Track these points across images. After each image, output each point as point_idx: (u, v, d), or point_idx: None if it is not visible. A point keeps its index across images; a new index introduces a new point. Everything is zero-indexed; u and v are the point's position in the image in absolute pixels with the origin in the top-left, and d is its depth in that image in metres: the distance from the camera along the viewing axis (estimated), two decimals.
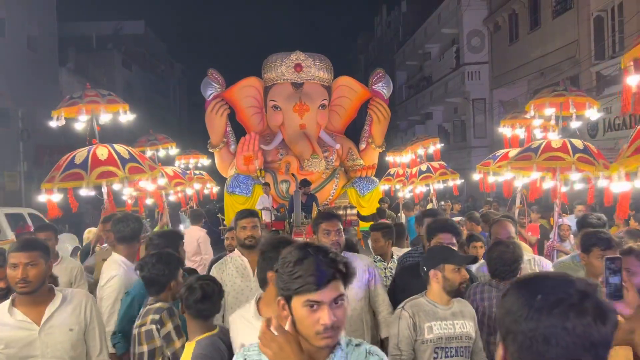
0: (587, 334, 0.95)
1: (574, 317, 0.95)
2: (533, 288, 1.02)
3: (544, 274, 1.14)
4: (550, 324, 0.96)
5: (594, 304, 0.97)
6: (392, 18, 36.57)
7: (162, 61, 40.43)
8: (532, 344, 0.97)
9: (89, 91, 5.65)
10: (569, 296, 0.98)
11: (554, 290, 1.00)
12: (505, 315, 1.03)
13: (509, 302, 1.04)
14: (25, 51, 20.26)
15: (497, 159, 7.00)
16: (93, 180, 4.88)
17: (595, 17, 15.48)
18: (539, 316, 0.97)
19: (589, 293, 0.99)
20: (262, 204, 10.00)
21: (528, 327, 0.98)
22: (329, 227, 3.28)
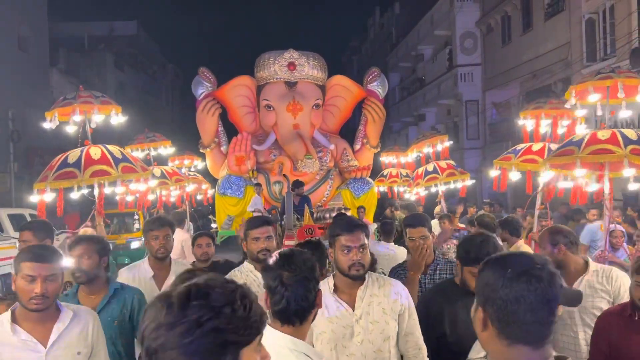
0: (544, 293, 1.34)
1: (535, 281, 1.34)
2: (504, 263, 1.40)
3: (509, 254, 1.57)
4: (519, 288, 1.33)
5: (547, 273, 1.36)
6: (385, 20, 36.65)
7: (154, 62, 40.24)
8: (507, 305, 1.34)
9: (82, 92, 5.63)
10: (530, 268, 1.36)
11: (520, 264, 1.38)
12: (485, 286, 1.40)
13: (486, 276, 1.41)
14: (15, 52, 20.09)
15: (519, 153, 6.12)
16: (86, 179, 4.86)
17: (587, 19, 15.57)
18: (510, 284, 1.34)
19: (544, 265, 1.38)
20: (254, 205, 9.94)
21: (504, 293, 1.35)
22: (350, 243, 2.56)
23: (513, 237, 5.46)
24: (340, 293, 2.64)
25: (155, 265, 3.73)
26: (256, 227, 3.25)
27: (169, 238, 3.69)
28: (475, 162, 20.97)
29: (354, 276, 2.58)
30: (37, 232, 3.88)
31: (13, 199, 18.54)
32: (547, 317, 1.35)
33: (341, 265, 2.58)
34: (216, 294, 1.14)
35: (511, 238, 5.52)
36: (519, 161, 5.99)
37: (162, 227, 3.67)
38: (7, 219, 11.37)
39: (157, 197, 9.08)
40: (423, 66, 28.78)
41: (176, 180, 8.93)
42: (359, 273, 2.58)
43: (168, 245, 3.69)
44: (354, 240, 2.56)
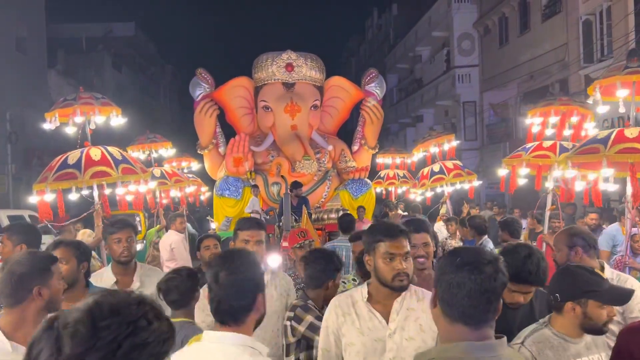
0: (483, 284, 1.51)
1: (476, 272, 1.52)
2: (457, 253, 1.61)
3: (466, 247, 1.85)
4: (462, 275, 1.53)
5: (492, 267, 1.54)
6: (383, 21, 36.70)
7: (152, 63, 40.23)
8: (450, 288, 1.54)
9: (83, 94, 5.63)
10: (477, 261, 1.54)
11: (469, 256, 1.58)
12: (438, 269, 1.63)
13: (442, 262, 1.63)
14: (13, 53, 20.07)
15: (529, 150, 5.76)
16: (87, 180, 4.86)
17: (584, 20, 15.63)
18: (456, 270, 1.54)
19: (491, 261, 1.55)
20: (252, 207, 9.95)
21: (450, 277, 1.55)
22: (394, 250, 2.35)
23: (513, 238, 5.49)
24: (374, 303, 2.42)
25: (118, 270, 3.49)
26: (247, 229, 3.09)
27: (132, 241, 3.49)
28: (472, 163, 21.00)
29: (398, 287, 2.35)
30: (11, 236, 3.44)
31: (11, 200, 18.51)
32: (484, 304, 1.52)
33: (383, 275, 2.33)
34: (125, 309, 1.05)
35: (511, 239, 5.54)
36: (530, 157, 5.66)
37: (124, 229, 3.45)
38: (6, 220, 11.45)
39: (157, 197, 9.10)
40: (421, 67, 28.82)
41: (176, 181, 8.97)
42: (403, 284, 2.33)
43: (132, 248, 3.47)
44: (398, 247, 2.33)
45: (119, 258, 3.41)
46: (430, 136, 9.15)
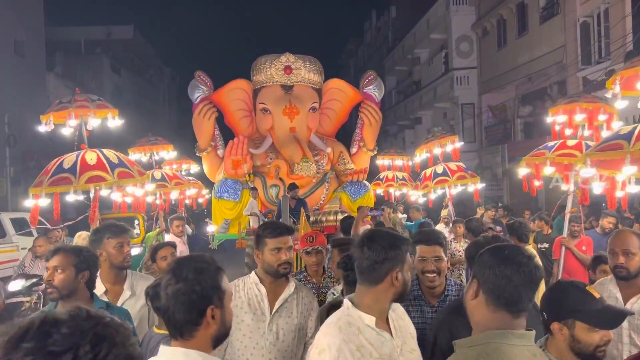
0: (530, 275, 1.67)
1: (524, 266, 1.67)
2: (502, 248, 1.76)
3: (508, 244, 2.08)
4: (511, 268, 1.66)
5: (534, 262, 1.70)
6: (381, 23, 36.74)
7: (151, 66, 40.25)
8: (499, 279, 1.67)
9: (78, 96, 5.60)
10: (522, 255, 1.71)
11: (513, 252, 1.73)
12: (482, 263, 1.73)
13: (486, 256, 1.74)
14: (12, 56, 20.09)
15: (553, 148, 5.43)
16: (82, 185, 4.82)
17: (582, 22, 15.67)
18: (505, 263, 1.68)
19: (531, 256, 1.72)
20: (250, 209, 9.94)
21: (499, 269, 1.67)
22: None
23: (521, 243, 5.42)
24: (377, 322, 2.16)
25: (109, 278, 3.26)
26: (279, 236, 2.74)
27: (130, 245, 3.33)
28: (471, 165, 21.02)
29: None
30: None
31: (9, 203, 18.50)
32: (530, 293, 1.68)
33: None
34: (60, 334, 0.89)
35: (519, 243, 5.47)
36: (554, 155, 5.32)
37: (125, 232, 3.30)
38: (9, 223, 11.50)
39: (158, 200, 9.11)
40: (419, 69, 28.86)
41: (176, 184, 8.98)
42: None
43: (130, 254, 3.31)
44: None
45: (122, 264, 3.24)
46: (433, 137, 8.99)
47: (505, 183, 20.56)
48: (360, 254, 2.09)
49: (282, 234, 2.76)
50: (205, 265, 1.69)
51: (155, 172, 8.98)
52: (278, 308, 2.76)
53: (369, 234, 2.16)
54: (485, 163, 21.41)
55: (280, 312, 2.75)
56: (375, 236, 2.12)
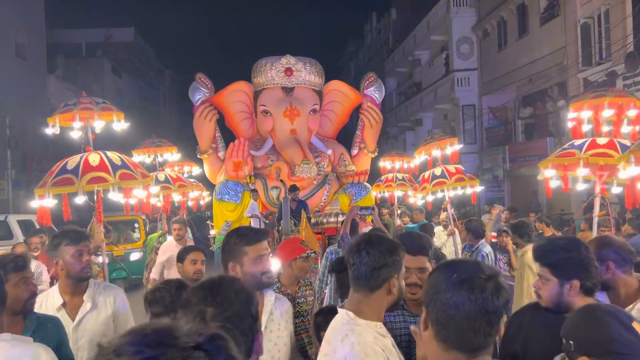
0: (484, 304, 1.32)
1: (477, 291, 1.33)
2: (453, 268, 1.41)
3: (460, 260, 1.60)
4: (460, 294, 1.33)
5: (493, 284, 1.34)
6: (381, 25, 36.78)
7: (152, 68, 40.32)
8: (446, 309, 1.34)
9: (83, 99, 5.63)
10: (477, 277, 1.35)
11: (467, 271, 1.38)
12: (430, 287, 1.42)
13: (434, 278, 1.43)
14: (13, 59, 20.12)
15: (584, 148, 4.89)
16: (83, 186, 4.85)
17: (582, 24, 15.68)
18: (453, 288, 1.35)
19: (492, 276, 1.36)
20: (251, 211, 9.95)
21: (445, 296, 1.35)
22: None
23: (523, 242, 5.43)
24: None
25: (67, 289, 2.93)
26: (258, 242, 2.47)
27: (90, 254, 3.00)
28: (472, 166, 21.02)
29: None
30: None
31: (10, 206, 18.51)
32: (485, 327, 1.33)
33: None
34: None
35: (521, 242, 5.49)
36: (587, 155, 4.79)
37: (83, 240, 2.92)
38: (16, 225, 11.60)
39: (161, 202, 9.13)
40: (420, 71, 28.88)
41: (179, 186, 9.00)
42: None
43: (89, 264, 2.96)
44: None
45: (79, 274, 2.87)
46: (432, 139, 8.85)
47: (506, 184, 20.57)
48: (357, 259, 1.97)
49: (262, 239, 2.49)
50: (242, 287, 1.52)
51: (159, 174, 9.01)
52: (266, 323, 2.54)
53: (366, 239, 2.04)
54: (486, 164, 21.42)
55: (270, 327, 2.55)
56: (373, 241, 2.01)
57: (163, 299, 2.66)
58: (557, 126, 16.90)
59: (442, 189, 8.11)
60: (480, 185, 8.66)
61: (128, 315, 3.08)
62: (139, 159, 9.57)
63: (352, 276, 2.01)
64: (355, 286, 2.00)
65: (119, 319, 2.99)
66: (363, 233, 2.22)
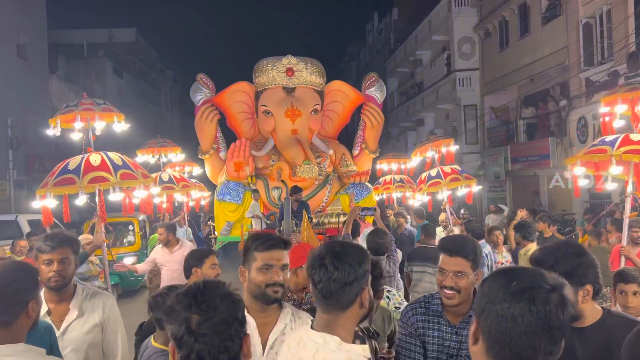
0: (548, 318, 1.17)
1: (539, 303, 1.17)
2: (511, 276, 1.24)
3: (521, 267, 1.34)
4: (519, 306, 1.17)
5: (559, 296, 1.19)
6: (383, 25, 36.77)
7: (153, 69, 40.36)
8: (502, 321, 1.18)
9: (84, 100, 5.65)
10: (539, 286, 1.19)
11: (529, 280, 1.22)
12: (483, 296, 1.25)
13: (487, 285, 1.26)
14: (15, 59, 20.14)
15: (617, 144, 4.61)
16: (84, 185, 4.87)
17: (584, 23, 15.64)
18: (511, 299, 1.18)
19: (557, 286, 1.21)
20: (252, 211, 9.95)
21: (501, 307, 1.19)
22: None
23: (526, 241, 5.47)
24: None
25: (51, 297, 2.78)
26: (269, 249, 2.23)
27: (67, 262, 2.74)
28: (473, 166, 21.00)
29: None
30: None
31: (12, 206, 18.53)
32: (547, 345, 1.18)
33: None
34: None
35: (524, 241, 5.52)
36: (620, 152, 4.52)
37: (58, 248, 2.72)
38: (26, 224, 11.72)
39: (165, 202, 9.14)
40: (421, 71, 28.86)
41: (183, 187, 9.02)
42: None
43: (66, 271, 2.73)
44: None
45: (47, 283, 2.69)
46: (428, 140, 8.97)
47: (508, 184, 20.54)
48: (323, 275, 1.74)
49: (274, 247, 2.23)
50: (230, 290, 1.46)
51: (163, 175, 9.03)
52: (273, 343, 2.21)
53: (330, 250, 1.79)
54: (487, 164, 21.39)
55: (277, 347, 2.16)
56: (339, 252, 1.77)
57: (165, 304, 2.61)
58: (559, 126, 16.86)
59: (437, 190, 8.11)
60: (480, 185, 8.67)
61: (118, 324, 2.92)
62: (143, 159, 9.60)
63: (318, 296, 1.78)
64: (325, 306, 1.78)
65: (108, 328, 2.86)
66: (324, 242, 1.94)
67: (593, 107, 14.61)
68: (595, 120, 14.63)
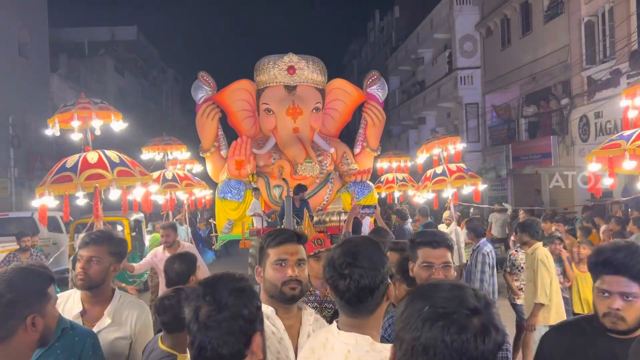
0: (465, 349, 0.98)
1: (454, 331, 0.98)
2: (426, 298, 1.05)
3: (443, 284, 1.10)
4: (431, 335, 0.99)
5: (480, 322, 1.00)
6: (384, 23, 36.71)
7: (154, 67, 40.34)
8: (413, 353, 1.01)
9: (82, 99, 5.66)
10: (456, 311, 1.00)
11: (444, 303, 1.02)
12: (398, 321, 1.08)
13: (403, 309, 1.08)
14: (16, 57, 20.14)
15: (632, 139, 4.43)
16: (81, 182, 4.87)
17: (586, 22, 15.59)
18: (422, 326, 1.00)
19: (479, 310, 1.01)
20: (253, 209, 9.95)
21: (412, 335, 1.01)
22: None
23: (533, 240, 5.40)
24: None
25: (86, 297, 2.65)
26: (282, 243, 2.08)
27: (96, 262, 2.59)
28: (475, 165, 20.97)
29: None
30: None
31: (13, 204, 18.53)
32: None
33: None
34: None
35: (531, 241, 5.44)
36: (634, 146, 4.35)
37: (90, 244, 2.62)
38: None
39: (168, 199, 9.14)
40: (423, 69, 28.80)
41: (186, 185, 9.03)
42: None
43: (93, 271, 2.57)
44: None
45: (75, 281, 2.60)
46: (434, 138, 8.94)
47: (510, 183, 20.50)
48: (350, 283, 1.62)
49: (287, 241, 2.08)
50: (246, 285, 1.43)
51: (167, 173, 9.03)
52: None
53: (349, 252, 1.66)
54: (489, 163, 21.34)
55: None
56: (359, 253, 1.65)
57: (173, 307, 2.54)
58: (560, 125, 16.82)
59: (442, 187, 8.13)
60: (483, 184, 8.65)
61: (149, 336, 2.74)
62: (149, 156, 9.61)
63: (344, 304, 1.65)
64: (351, 312, 1.66)
65: (137, 342, 2.68)
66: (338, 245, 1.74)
67: (595, 106, 14.57)
68: (597, 119, 14.59)
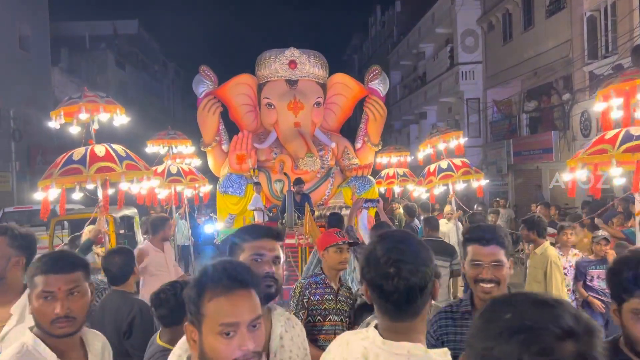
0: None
1: (535, 351, 0.79)
2: (510, 305, 0.90)
3: (537, 294, 0.93)
4: (506, 349, 0.82)
5: (575, 349, 0.80)
6: (386, 18, 36.62)
7: (155, 61, 40.28)
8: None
9: (87, 92, 5.70)
10: (544, 327, 0.81)
11: (533, 315, 0.84)
12: (473, 326, 0.93)
13: (482, 312, 0.94)
14: (17, 51, 20.13)
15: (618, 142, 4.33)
16: (92, 174, 4.91)
17: (588, 16, 15.55)
18: (498, 336, 0.84)
19: (576, 334, 0.81)
20: (254, 204, 9.98)
21: (484, 345, 0.86)
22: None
23: (540, 239, 5.23)
24: None
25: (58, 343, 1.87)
26: (258, 239, 1.94)
27: (80, 292, 1.89)
28: (476, 160, 20.97)
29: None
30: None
31: (15, 198, 18.57)
32: None
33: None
34: None
35: (538, 239, 5.24)
36: (620, 152, 4.25)
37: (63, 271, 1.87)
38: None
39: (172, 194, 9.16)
40: (424, 64, 28.75)
41: (191, 180, 9.06)
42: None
43: (77, 306, 1.87)
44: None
45: (50, 329, 1.82)
46: (438, 132, 8.91)
47: (510, 178, 20.51)
48: (398, 283, 1.45)
49: (263, 236, 1.94)
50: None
51: (172, 167, 9.06)
52: (276, 351, 1.88)
53: (396, 250, 1.49)
54: (490, 158, 21.35)
55: (281, 356, 1.89)
56: (405, 250, 1.48)
57: (168, 301, 2.57)
58: (562, 120, 16.81)
59: (448, 182, 8.11)
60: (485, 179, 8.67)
61: None
62: (153, 150, 9.63)
63: (388, 307, 1.50)
64: (398, 315, 1.50)
65: None
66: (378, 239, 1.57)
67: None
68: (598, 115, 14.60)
